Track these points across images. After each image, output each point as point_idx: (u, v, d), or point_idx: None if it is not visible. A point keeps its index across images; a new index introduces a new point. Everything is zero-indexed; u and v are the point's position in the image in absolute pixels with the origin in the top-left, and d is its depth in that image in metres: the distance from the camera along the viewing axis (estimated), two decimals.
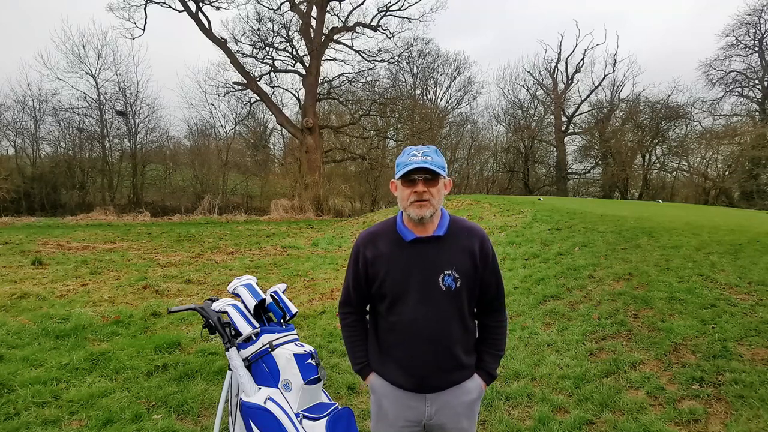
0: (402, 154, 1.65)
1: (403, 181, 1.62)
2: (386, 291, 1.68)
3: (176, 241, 11.61)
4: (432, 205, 1.60)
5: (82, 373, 3.61)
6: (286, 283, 6.56)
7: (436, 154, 1.62)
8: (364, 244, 1.74)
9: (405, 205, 1.62)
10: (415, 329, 1.65)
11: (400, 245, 1.68)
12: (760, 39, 26.02)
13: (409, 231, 1.67)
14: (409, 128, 27.05)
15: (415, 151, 1.62)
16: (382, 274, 1.68)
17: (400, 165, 1.62)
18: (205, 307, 2.23)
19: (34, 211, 19.26)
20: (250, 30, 22.31)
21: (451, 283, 1.64)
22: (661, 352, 3.54)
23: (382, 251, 1.69)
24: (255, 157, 27.55)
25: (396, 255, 1.67)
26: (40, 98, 21.41)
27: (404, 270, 1.65)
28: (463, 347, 1.71)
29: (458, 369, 1.70)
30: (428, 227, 1.66)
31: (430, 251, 1.66)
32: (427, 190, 1.59)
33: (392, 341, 1.71)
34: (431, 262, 1.65)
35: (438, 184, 1.62)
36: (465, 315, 1.70)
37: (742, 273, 4.69)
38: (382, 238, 1.72)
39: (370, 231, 1.77)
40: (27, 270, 7.42)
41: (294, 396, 2.00)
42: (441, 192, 1.64)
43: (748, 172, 24.15)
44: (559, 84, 32.43)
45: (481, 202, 13.59)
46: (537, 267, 6.36)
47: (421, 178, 1.59)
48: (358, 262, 1.74)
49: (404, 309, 1.66)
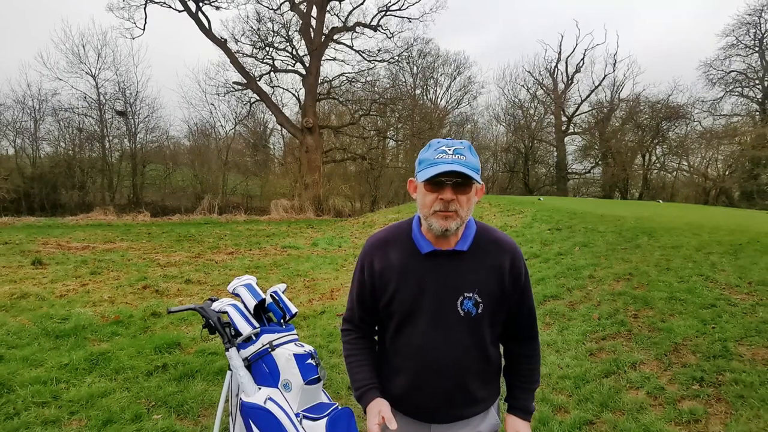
0: (427, 148, 1.35)
1: (426, 184, 1.30)
2: (394, 309, 1.42)
3: (176, 241, 11.61)
4: (459, 217, 1.31)
5: (82, 373, 3.60)
6: (286, 283, 6.56)
7: (470, 152, 1.31)
8: (372, 252, 1.46)
9: (427, 213, 1.33)
10: (424, 358, 1.39)
11: (415, 257, 1.40)
12: (761, 39, 26.03)
13: (427, 242, 1.39)
14: (409, 128, 27.07)
15: (445, 146, 1.30)
16: (390, 290, 1.41)
17: (425, 162, 1.31)
18: (205, 307, 2.23)
19: (33, 211, 19.25)
20: (250, 30, 22.33)
21: (472, 309, 1.37)
22: (661, 352, 3.54)
23: (392, 262, 1.42)
24: (255, 157, 27.56)
25: (409, 268, 1.40)
26: (39, 98, 21.44)
27: (417, 287, 1.38)
28: (481, 380, 1.45)
29: (472, 404, 1.45)
30: (450, 239, 1.38)
31: (449, 268, 1.38)
32: (456, 198, 1.29)
33: (397, 366, 1.46)
34: (450, 281, 1.37)
35: (470, 191, 1.31)
36: (486, 345, 1.43)
37: (743, 273, 4.69)
38: (394, 246, 1.44)
39: (380, 237, 1.49)
40: (27, 270, 7.42)
41: (294, 396, 2.00)
42: (472, 200, 1.33)
43: (748, 172, 24.17)
44: (559, 84, 32.46)
45: (481, 202, 13.60)
46: (537, 267, 6.36)
47: (450, 182, 1.28)
48: (364, 272, 1.47)
49: (413, 332, 1.40)
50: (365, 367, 1.51)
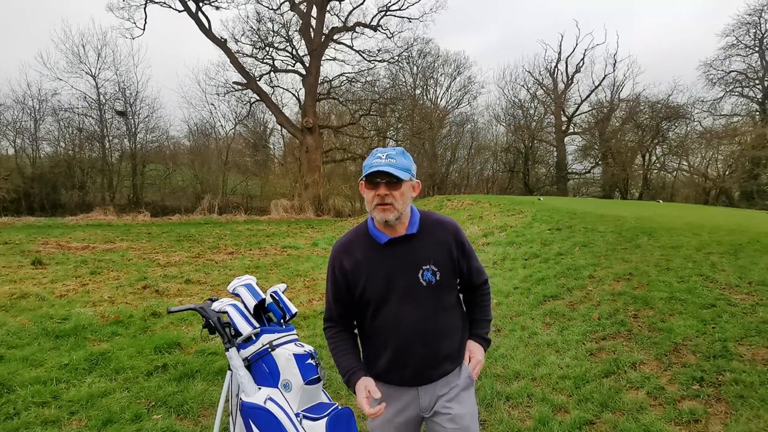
0: (369, 156, 1.64)
1: (366, 184, 1.61)
2: (369, 296, 1.67)
3: (176, 241, 11.61)
4: (396, 209, 1.58)
5: (81, 373, 3.60)
6: (286, 283, 6.56)
7: (402, 156, 1.61)
8: (340, 255, 1.71)
9: (370, 207, 1.62)
10: (402, 327, 1.65)
11: (376, 249, 1.67)
12: (761, 39, 26.02)
13: (382, 233, 1.66)
14: (409, 128, 27.03)
15: (380, 153, 1.60)
16: (363, 281, 1.66)
17: (365, 167, 1.60)
18: (205, 307, 2.23)
19: (33, 211, 19.25)
20: (250, 30, 22.33)
21: (431, 278, 1.65)
22: (661, 352, 3.54)
23: (358, 258, 1.68)
24: (255, 157, 27.55)
25: (373, 259, 1.67)
26: (39, 98, 21.42)
27: (384, 272, 1.65)
28: (450, 339, 1.72)
29: (448, 361, 1.71)
30: (398, 228, 1.66)
31: (406, 250, 1.66)
32: (390, 194, 1.57)
33: (380, 343, 1.70)
34: (409, 260, 1.66)
35: (401, 187, 1.59)
36: (450, 305, 1.72)
37: (743, 273, 4.69)
38: (357, 245, 1.71)
39: (343, 241, 1.75)
40: (27, 270, 7.42)
41: (294, 396, 2.00)
42: (406, 195, 1.61)
43: (748, 172, 24.16)
44: (559, 84, 32.42)
45: (481, 202, 13.60)
46: (537, 267, 6.36)
47: (383, 181, 1.57)
48: (336, 274, 1.71)
49: (389, 311, 1.66)
50: (349, 354, 1.73)
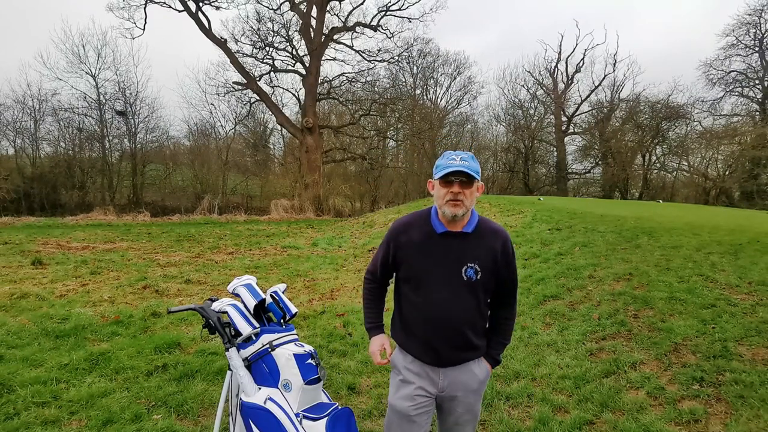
0: (442, 157, 1.84)
1: (441, 182, 1.81)
2: (412, 274, 1.89)
3: (176, 241, 11.61)
4: (465, 206, 1.79)
5: (81, 373, 3.60)
6: (286, 283, 6.56)
7: (473, 161, 1.81)
8: (398, 231, 1.93)
9: (441, 203, 1.81)
10: (436, 310, 1.85)
11: (431, 236, 1.87)
12: (761, 39, 26.00)
13: (441, 225, 1.86)
14: (409, 128, 27.03)
15: (455, 155, 1.80)
16: (410, 260, 1.89)
17: (440, 167, 1.80)
18: (205, 307, 2.23)
19: (33, 211, 19.25)
20: (250, 30, 22.32)
21: (473, 275, 1.84)
22: (661, 352, 3.54)
23: (413, 239, 1.89)
24: (255, 157, 27.56)
25: (426, 244, 1.87)
26: (39, 98, 21.45)
27: (432, 258, 1.86)
28: (476, 331, 1.92)
29: (470, 349, 1.91)
30: (459, 224, 1.85)
31: (457, 244, 1.86)
32: (462, 192, 1.78)
33: (415, 319, 1.91)
34: (457, 254, 1.85)
35: (472, 186, 1.81)
36: (481, 304, 1.91)
37: (742, 273, 4.69)
38: (415, 227, 1.91)
39: (404, 221, 1.96)
40: (27, 270, 7.42)
41: (294, 396, 2.00)
42: (474, 194, 1.82)
43: (748, 172, 24.13)
44: (559, 84, 32.41)
45: (481, 202, 13.59)
46: (537, 267, 6.35)
47: (458, 180, 1.77)
48: (390, 246, 1.94)
49: (428, 292, 1.86)
50: (377, 310, 2.09)
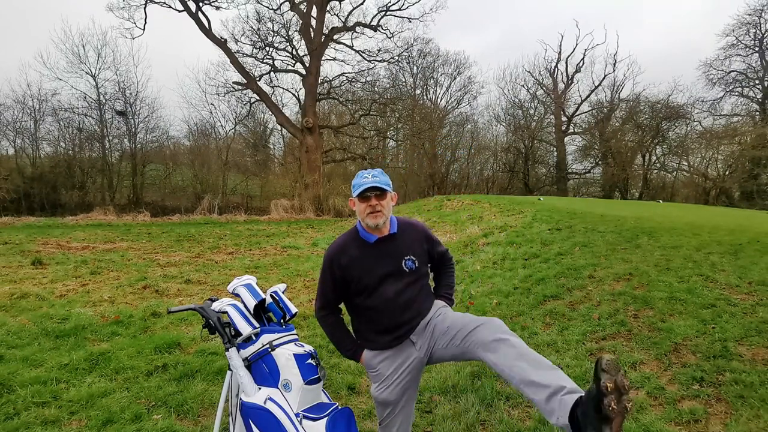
0: (356, 177, 2.12)
1: (359, 199, 2.09)
2: (363, 285, 2.12)
3: (176, 241, 11.60)
4: (384, 214, 2.09)
5: (81, 373, 3.60)
6: (286, 283, 6.56)
7: (382, 175, 2.11)
8: (337, 255, 2.15)
9: (363, 216, 2.10)
10: (392, 300, 2.11)
11: (366, 246, 2.15)
12: (761, 39, 26.01)
13: (370, 234, 2.15)
14: (409, 128, 27.03)
15: (366, 174, 2.11)
16: (358, 273, 2.12)
17: (356, 186, 2.09)
18: (205, 307, 2.23)
19: (33, 211, 19.25)
20: (250, 30, 22.29)
21: (411, 265, 2.17)
22: (661, 352, 3.54)
23: (353, 255, 2.13)
24: (255, 157, 27.54)
25: (366, 255, 2.13)
26: (39, 98, 21.43)
27: (375, 264, 2.12)
28: (425, 301, 2.21)
29: (425, 313, 2.18)
30: (384, 230, 2.15)
31: (390, 246, 2.16)
32: (379, 203, 2.07)
33: (374, 317, 2.14)
34: (394, 252, 2.15)
35: (386, 197, 2.11)
36: (425, 283, 2.24)
37: (743, 273, 4.69)
38: (350, 246, 2.16)
39: (337, 245, 2.19)
40: (27, 270, 7.42)
41: (294, 396, 2.00)
42: (389, 203, 2.13)
43: (748, 172, 24.14)
44: (559, 84, 32.39)
45: (481, 202, 13.60)
46: (537, 267, 6.35)
47: (373, 194, 2.07)
48: (333, 271, 2.14)
49: (381, 292, 2.11)
50: (349, 335, 2.26)
